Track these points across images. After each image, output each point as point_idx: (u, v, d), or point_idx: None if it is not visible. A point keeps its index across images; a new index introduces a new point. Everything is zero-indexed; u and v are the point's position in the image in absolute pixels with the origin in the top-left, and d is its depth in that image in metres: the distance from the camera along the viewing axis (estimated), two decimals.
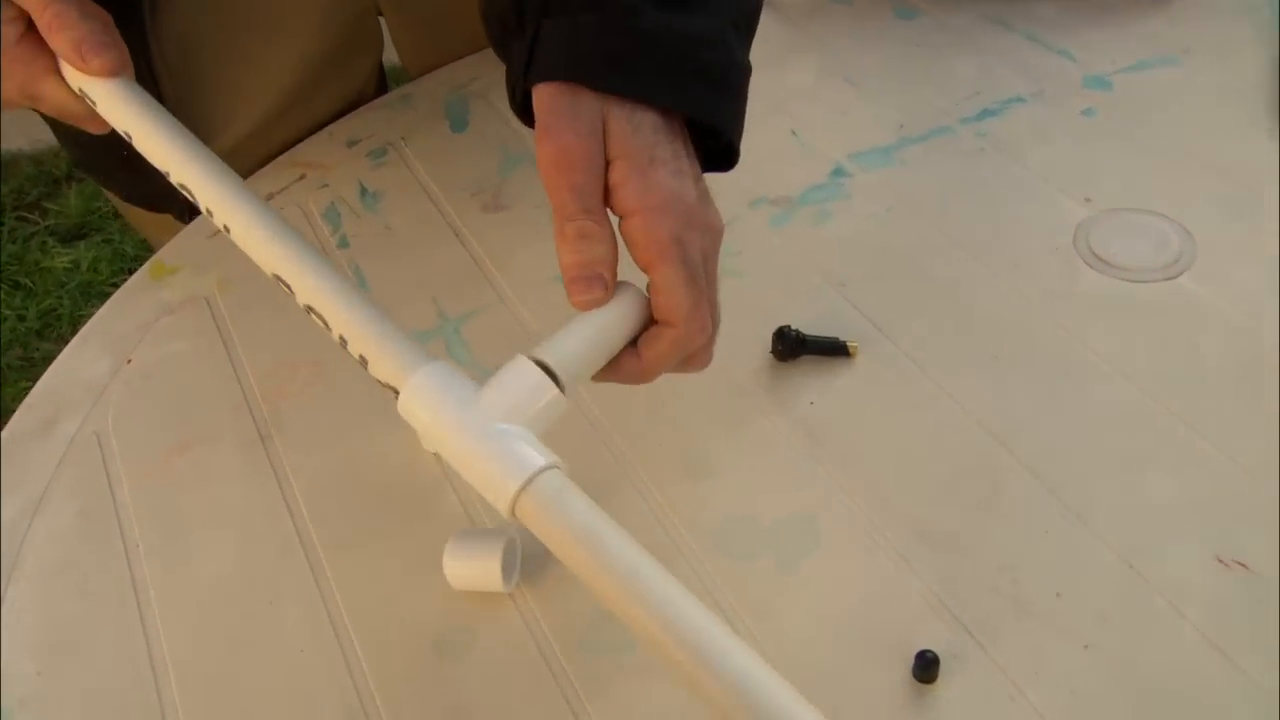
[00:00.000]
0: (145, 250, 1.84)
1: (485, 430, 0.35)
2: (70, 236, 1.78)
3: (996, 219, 0.56)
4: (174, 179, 0.44)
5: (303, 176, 0.69)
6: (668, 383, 0.49)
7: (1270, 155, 0.56)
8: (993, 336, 0.51)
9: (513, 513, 0.34)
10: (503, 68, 0.44)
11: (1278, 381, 0.46)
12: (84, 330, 0.63)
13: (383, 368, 0.38)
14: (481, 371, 0.54)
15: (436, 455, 0.51)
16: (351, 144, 0.71)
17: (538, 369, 0.36)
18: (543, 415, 0.36)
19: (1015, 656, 0.39)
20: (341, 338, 0.39)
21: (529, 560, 0.46)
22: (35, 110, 0.48)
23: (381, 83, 0.78)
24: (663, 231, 0.37)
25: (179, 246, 0.67)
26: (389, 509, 0.50)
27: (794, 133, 0.64)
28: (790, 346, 0.51)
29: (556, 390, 0.36)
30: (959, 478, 0.45)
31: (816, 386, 0.50)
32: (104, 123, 0.46)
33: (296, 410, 0.55)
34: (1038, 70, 0.63)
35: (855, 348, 0.51)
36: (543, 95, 0.39)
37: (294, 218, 0.66)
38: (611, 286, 0.38)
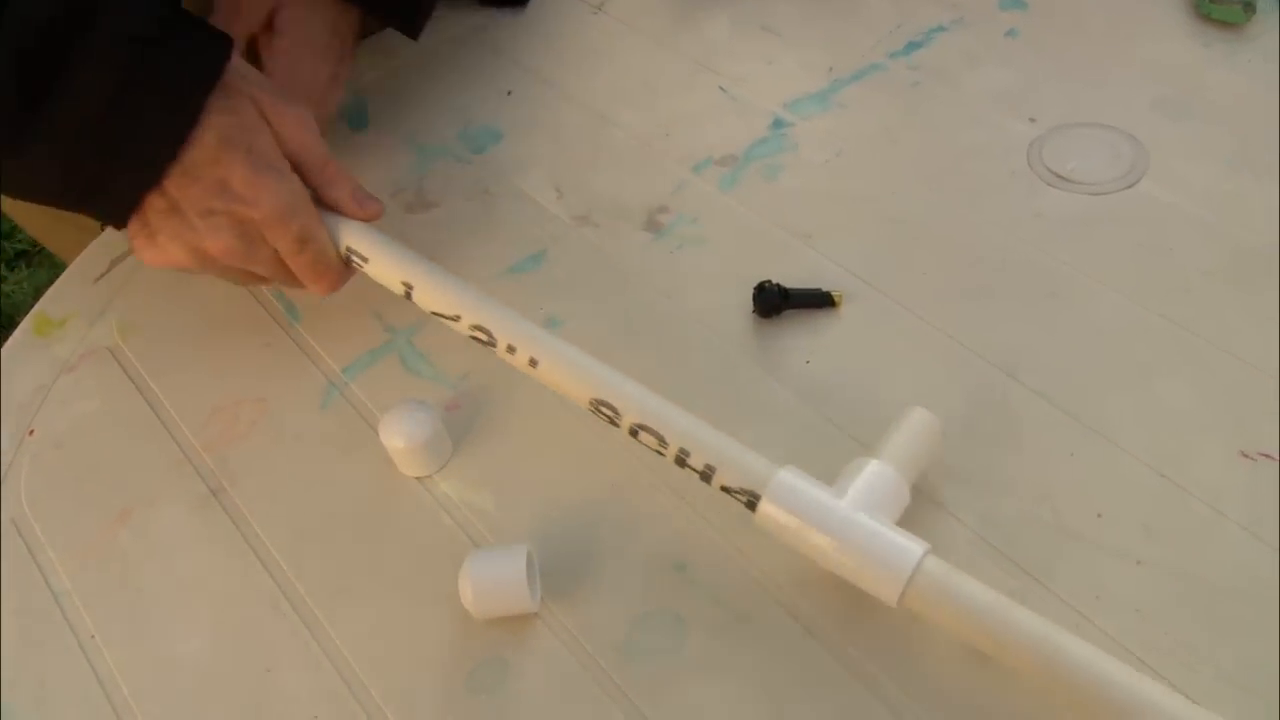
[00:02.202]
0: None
1: (860, 526, 0.38)
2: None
3: (947, 150, 0.57)
4: (466, 322, 0.47)
5: None
6: (656, 366, 0.48)
7: (1197, 50, 0.58)
8: (972, 268, 0.51)
9: (900, 601, 0.37)
10: (398, 56, 0.57)
11: (1276, 271, 0.48)
12: None
13: (735, 475, 0.41)
14: (451, 384, 0.51)
15: (419, 480, 0.49)
16: None
17: (893, 471, 0.40)
18: (897, 510, 0.40)
19: (1074, 586, 0.40)
20: (681, 451, 0.42)
21: (544, 572, 0.44)
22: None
23: None
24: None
25: (61, 296, 0.61)
26: (377, 544, 0.47)
27: (722, 89, 0.63)
28: (772, 301, 0.51)
29: (907, 488, 0.41)
30: (974, 415, 0.46)
31: (808, 343, 0.50)
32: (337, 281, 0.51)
33: (247, 455, 0.51)
34: None
35: (840, 296, 0.51)
36: None
37: None
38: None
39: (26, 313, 0.60)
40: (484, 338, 0.47)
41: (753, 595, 0.42)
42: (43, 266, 1.64)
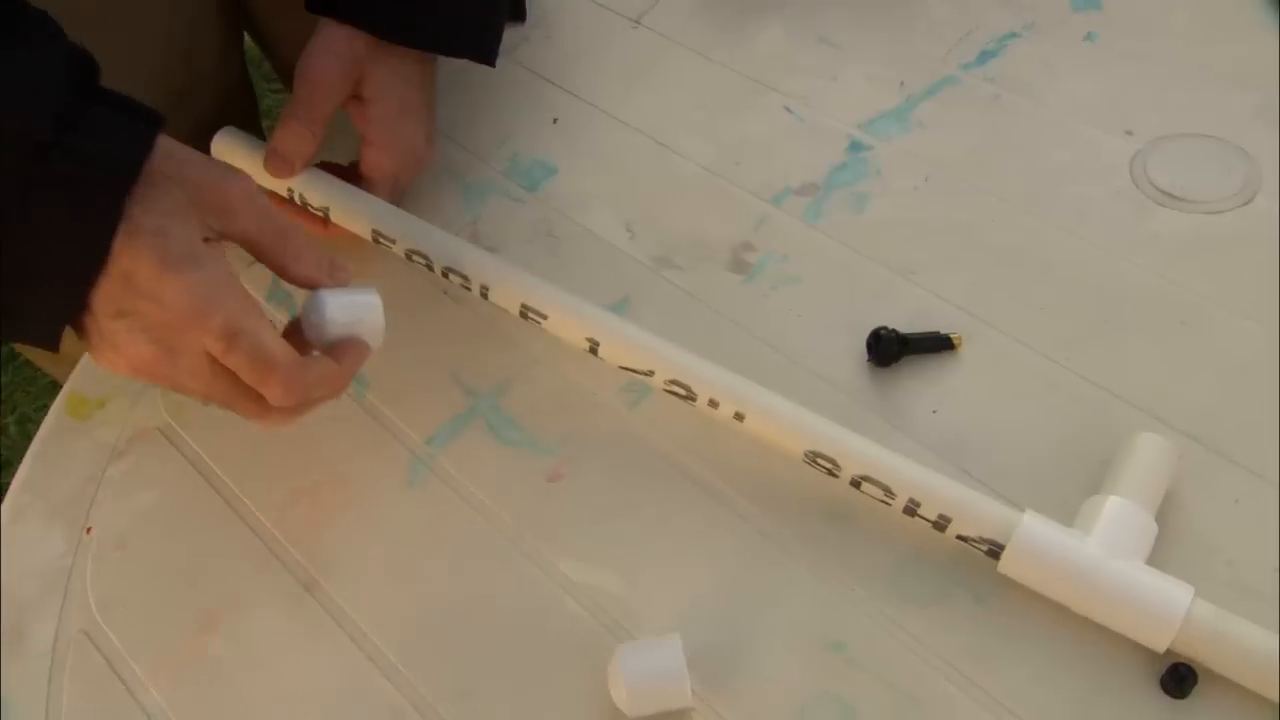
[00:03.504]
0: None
1: (1117, 573, 0.39)
2: None
3: (1041, 169, 0.55)
4: (661, 378, 0.47)
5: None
6: None
7: None
8: (1091, 298, 0.50)
9: (1169, 646, 0.38)
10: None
11: None
12: (9, 502, 0.53)
13: (974, 524, 0.41)
14: (550, 449, 0.49)
15: (535, 560, 0.46)
16: None
17: (1140, 509, 0.40)
18: (1145, 546, 0.40)
19: None
20: (911, 501, 0.42)
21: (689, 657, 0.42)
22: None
23: (251, 93, 0.77)
24: (387, 168, 0.56)
25: (94, 372, 0.57)
26: (500, 637, 0.45)
27: (789, 109, 0.61)
28: (890, 350, 0.49)
29: (1153, 520, 0.41)
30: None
31: (932, 391, 0.49)
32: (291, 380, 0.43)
33: (337, 543, 0.49)
34: (1018, 1, 0.63)
35: (960, 339, 0.49)
36: (327, 25, 0.53)
37: None
38: (298, 173, 0.55)
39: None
40: (682, 392, 0.47)
41: (922, 673, 0.41)
42: None
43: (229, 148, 0.58)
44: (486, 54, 0.58)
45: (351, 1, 0.53)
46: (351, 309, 0.45)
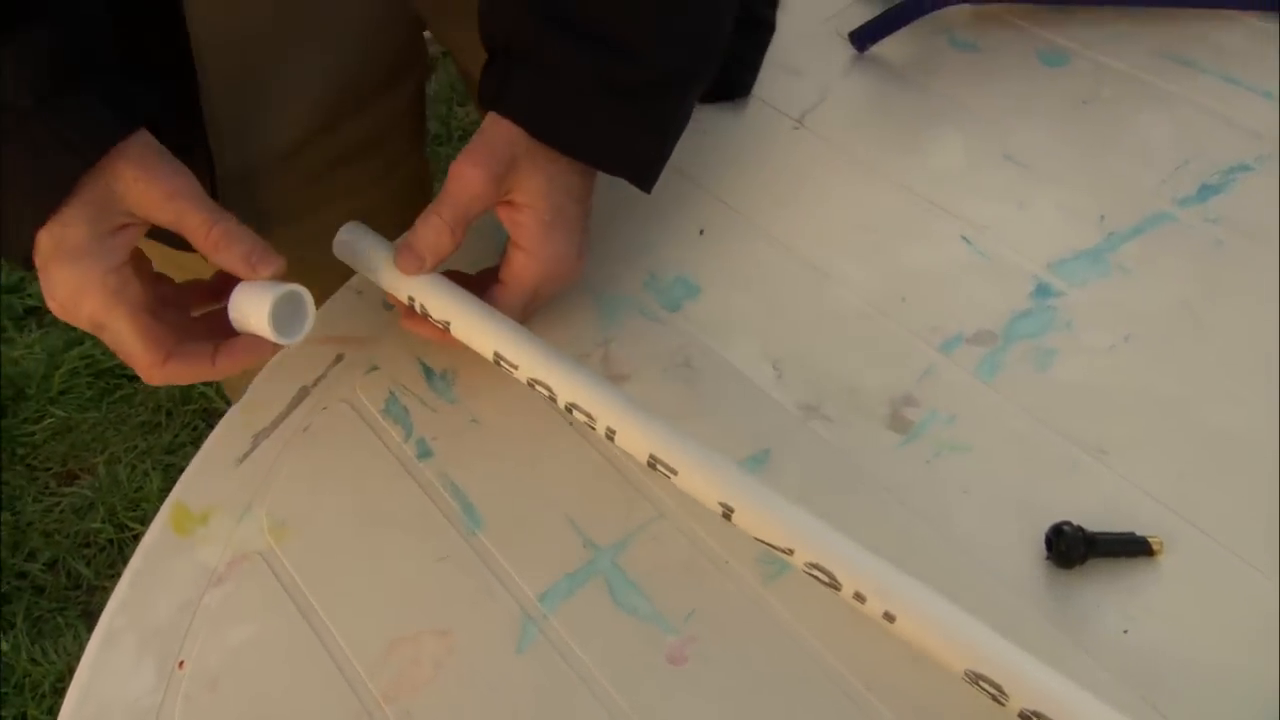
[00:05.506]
0: None
1: None
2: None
3: (1272, 335, 0.50)
4: (801, 558, 0.44)
5: (340, 358, 0.60)
6: None
7: None
8: None
9: None
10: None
11: None
12: (104, 623, 0.53)
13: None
14: (675, 626, 0.46)
15: None
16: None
17: None
18: None
19: None
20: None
21: None
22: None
23: (421, 111, 0.80)
24: (529, 276, 0.55)
25: (200, 482, 0.57)
26: None
27: (965, 239, 0.57)
28: (1075, 551, 0.44)
29: None
30: None
31: (1123, 605, 0.44)
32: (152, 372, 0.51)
33: (435, 707, 0.47)
34: (1251, 122, 0.57)
35: (1160, 543, 0.44)
36: (491, 123, 0.52)
37: (346, 422, 0.57)
38: (428, 271, 0.53)
39: (38, 383, 0.60)
40: (824, 579, 0.43)
41: None
42: (56, 326, 1.60)
43: (353, 240, 0.57)
44: (643, 177, 0.56)
45: (519, 102, 0.52)
46: (242, 305, 0.50)
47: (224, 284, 0.52)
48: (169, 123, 0.51)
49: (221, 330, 0.52)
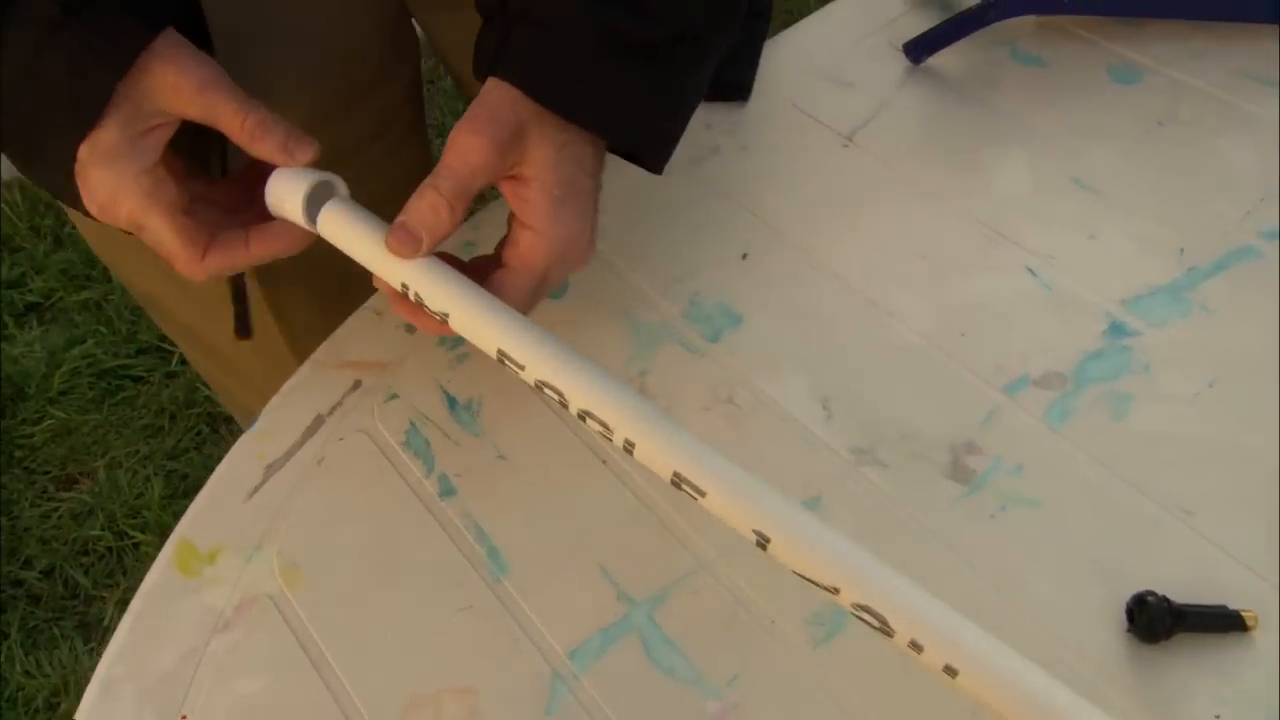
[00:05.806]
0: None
1: None
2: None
3: None
4: (848, 598, 0.39)
5: (357, 384, 0.57)
6: None
7: None
8: None
9: None
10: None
11: None
12: (101, 672, 0.50)
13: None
14: (717, 691, 0.43)
15: None
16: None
17: None
18: None
19: None
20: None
21: None
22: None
23: (419, 97, 0.77)
24: (538, 259, 0.50)
25: (208, 518, 0.54)
26: None
27: (1031, 271, 0.53)
28: (1160, 624, 0.41)
29: None
30: None
31: (1214, 687, 0.40)
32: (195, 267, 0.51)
33: None
34: None
35: (1254, 617, 0.41)
36: (490, 88, 0.48)
37: (364, 454, 0.54)
38: (425, 253, 0.48)
39: (37, 383, 0.58)
40: (874, 622, 0.38)
41: None
42: (57, 323, 1.56)
43: (338, 216, 0.52)
44: (653, 151, 0.53)
45: (519, 63, 0.48)
46: (277, 190, 0.50)
47: (256, 176, 0.52)
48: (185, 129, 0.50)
49: (256, 224, 0.52)
